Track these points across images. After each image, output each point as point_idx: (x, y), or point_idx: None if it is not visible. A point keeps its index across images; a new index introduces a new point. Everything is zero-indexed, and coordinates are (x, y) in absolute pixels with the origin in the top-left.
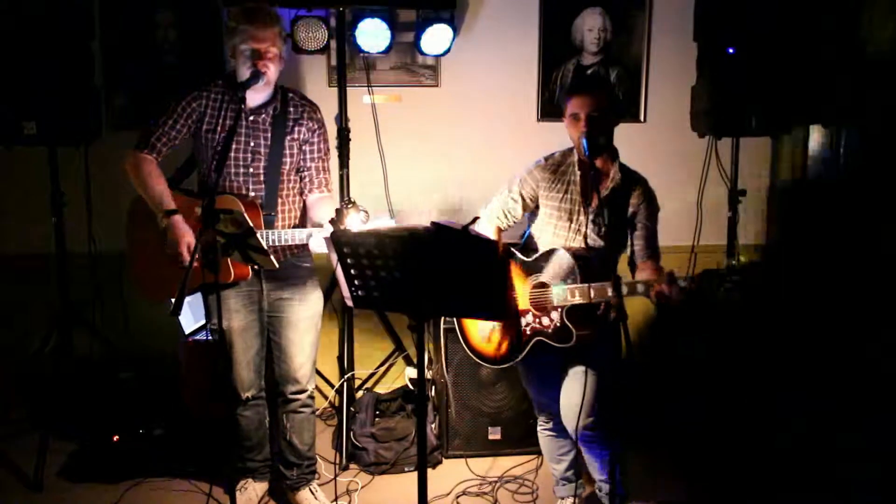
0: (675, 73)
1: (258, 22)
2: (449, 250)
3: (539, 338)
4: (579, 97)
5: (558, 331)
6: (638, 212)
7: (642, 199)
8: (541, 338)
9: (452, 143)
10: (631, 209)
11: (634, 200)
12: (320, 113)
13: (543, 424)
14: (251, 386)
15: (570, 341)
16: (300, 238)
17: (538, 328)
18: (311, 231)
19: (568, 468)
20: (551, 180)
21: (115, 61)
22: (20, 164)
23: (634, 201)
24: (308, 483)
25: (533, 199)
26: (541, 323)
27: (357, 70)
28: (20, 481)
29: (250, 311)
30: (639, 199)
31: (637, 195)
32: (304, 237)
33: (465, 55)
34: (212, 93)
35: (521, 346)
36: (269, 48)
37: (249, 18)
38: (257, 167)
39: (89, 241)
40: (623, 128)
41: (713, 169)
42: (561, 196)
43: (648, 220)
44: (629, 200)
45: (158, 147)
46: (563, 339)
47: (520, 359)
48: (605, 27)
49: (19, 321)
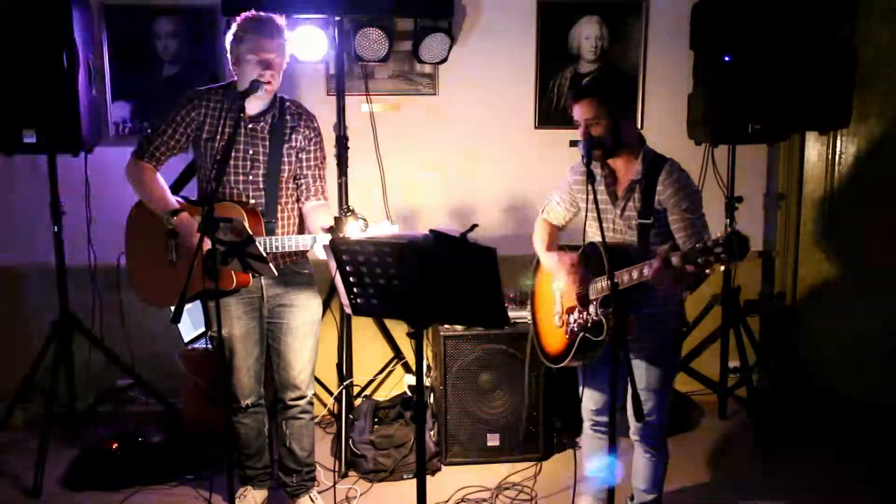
0: (672, 81)
1: (267, 33)
2: (447, 258)
3: (583, 334)
4: (576, 104)
5: (595, 324)
6: (663, 200)
7: (666, 186)
8: (584, 334)
9: (450, 150)
10: (657, 196)
11: (659, 188)
12: (317, 122)
13: (586, 422)
14: (251, 393)
15: (602, 333)
16: (304, 244)
17: (582, 323)
18: (316, 237)
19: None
20: (581, 182)
21: (116, 71)
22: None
23: (659, 188)
24: (308, 490)
25: (571, 202)
26: (583, 318)
27: (355, 78)
28: (19, 489)
29: (251, 317)
30: (663, 185)
31: (661, 182)
32: (309, 243)
33: (463, 64)
34: (211, 101)
35: (570, 345)
36: (275, 59)
37: (259, 29)
38: (256, 175)
39: (89, 249)
40: None
41: (710, 176)
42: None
43: (680, 204)
44: (655, 189)
45: (157, 156)
46: (597, 332)
47: (571, 356)
48: (601, 35)
49: (19, 329)
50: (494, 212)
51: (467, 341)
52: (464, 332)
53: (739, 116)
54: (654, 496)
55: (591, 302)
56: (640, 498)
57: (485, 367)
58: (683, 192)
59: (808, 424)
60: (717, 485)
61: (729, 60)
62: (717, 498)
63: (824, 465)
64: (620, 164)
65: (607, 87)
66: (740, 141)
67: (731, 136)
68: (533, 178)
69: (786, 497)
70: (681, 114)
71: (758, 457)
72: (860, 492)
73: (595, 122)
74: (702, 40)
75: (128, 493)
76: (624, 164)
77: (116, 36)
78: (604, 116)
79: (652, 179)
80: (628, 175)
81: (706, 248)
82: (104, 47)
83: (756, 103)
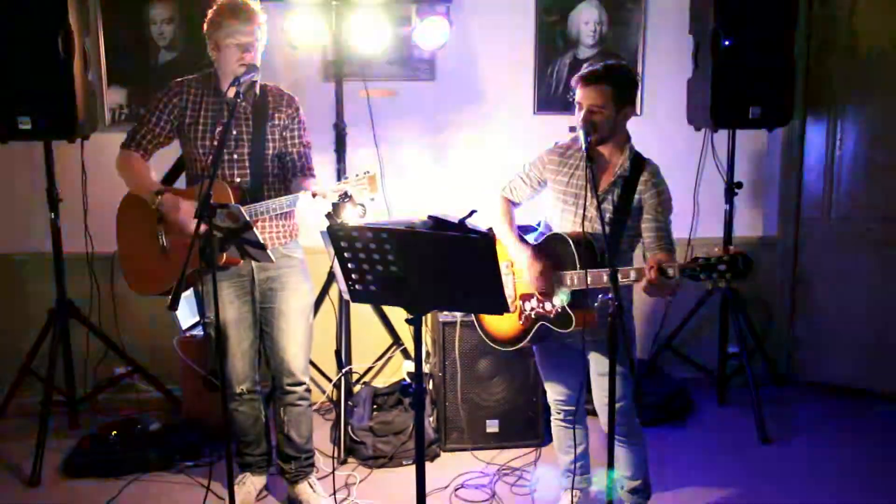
0: (672, 66)
1: (244, 18)
2: (446, 243)
3: (542, 322)
4: (583, 88)
5: (560, 316)
6: (644, 199)
7: (648, 186)
8: (544, 322)
9: (448, 136)
10: (637, 195)
11: (641, 187)
12: (297, 102)
13: (555, 415)
14: (246, 378)
15: (570, 327)
16: (287, 205)
17: (542, 312)
18: (298, 196)
19: (574, 461)
20: (558, 163)
21: (112, 57)
22: (16, 160)
23: (641, 188)
24: (307, 476)
25: (539, 180)
26: (544, 308)
27: (353, 64)
28: (18, 477)
29: (244, 301)
30: (645, 185)
31: (643, 181)
32: (292, 201)
33: (461, 49)
34: (192, 88)
35: (526, 330)
36: (254, 42)
37: (235, 14)
38: (241, 153)
39: (85, 236)
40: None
41: (709, 161)
42: (566, 181)
43: (656, 209)
44: (636, 188)
45: (144, 144)
46: (564, 324)
47: (526, 342)
48: (601, 20)
49: (16, 317)
50: (493, 197)
51: (466, 328)
52: (462, 318)
53: (739, 101)
54: (640, 481)
55: (556, 294)
56: (629, 485)
57: (483, 353)
58: (663, 197)
59: (807, 412)
60: (715, 471)
61: (729, 45)
62: (716, 484)
63: (821, 452)
64: (607, 153)
65: (619, 75)
66: (740, 126)
67: (730, 121)
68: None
69: (785, 485)
70: (680, 99)
71: (756, 443)
72: (855, 481)
73: (599, 109)
74: (701, 25)
75: (127, 480)
76: (610, 154)
77: (112, 21)
78: (609, 105)
79: (634, 176)
80: (613, 167)
81: (709, 265)
82: (100, 33)
83: (756, 88)
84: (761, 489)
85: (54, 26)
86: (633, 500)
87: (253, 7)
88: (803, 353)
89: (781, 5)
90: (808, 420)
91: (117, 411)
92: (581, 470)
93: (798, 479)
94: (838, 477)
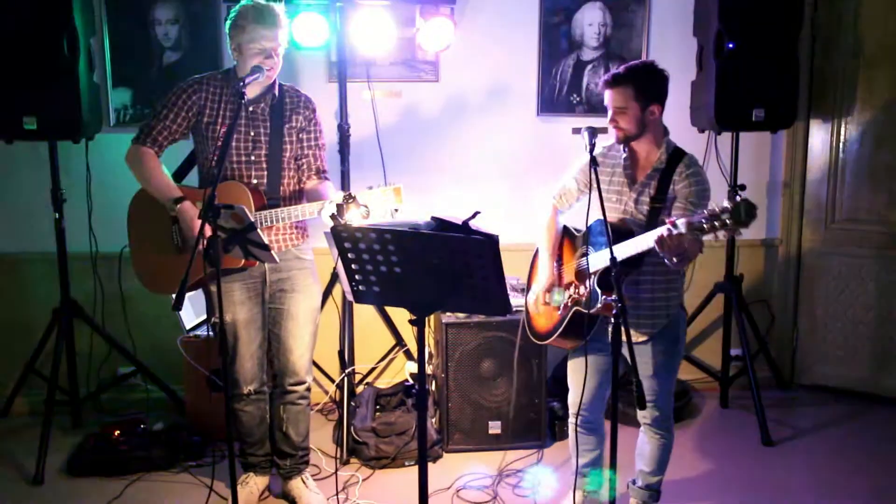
0: (675, 68)
1: (267, 22)
2: (449, 244)
3: (577, 308)
4: (607, 91)
5: (589, 297)
6: (678, 189)
7: (682, 177)
8: (578, 308)
9: (452, 138)
10: (673, 185)
11: (676, 178)
12: (314, 104)
13: (572, 418)
14: (254, 379)
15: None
16: (311, 212)
17: (577, 298)
18: (324, 203)
19: (586, 465)
20: (601, 163)
21: (117, 57)
22: (20, 160)
23: (675, 178)
24: (300, 472)
25: (585, 182)
26: (579, 292)
27: (357, 65)
28: (22, 476)
29: (255, 303)
30: (679, 176)
31: (678, 172)
32: (316, 209)
33: (465, 51)
34: (211, 86)
35: (562, 319)
36: (276, 47)
37: (258, 19)
38: (259, 155)
39: (90, 235)
40: None
41: (713, 164)
42: (609, 179)
43: (687, 197)
44: (671, 179)
45: (160, 140)
46: (592, 304)
47: (561, 330)
48: (605, 22)
49: (20, 317)
50: (496, 199)
51: (469, 329)
52: (465, 319)
53: (743, 103)
54: (659, 478)
55: (589, 276)
56: (646, 480)
57: (486, 354)
58: (695, 187)
59: (810, 415)
60: (718, 474)
61: (732, 47)
62: (719, 487)
63: (824, 455)
64: (643, 148)
65: (639, 74)
66: (744, 128)
67: (734, 124)
68: (535, 165)
69: (788, 488)
70: (684, 101)
71: (759, 446)
72: (859, 484)
73: (622, 112)
74: (705, 27)
75: (130, 479)
76: (646, 150)
77: (117, 22)
78: (632, 104)
79: (671, 168)
80: (650, 161)
81: (713, 214)
82: (104, 33)
83: (759, 90)
84: (764, 492)
85: (59, 27)
86: (644, 496)
87: (278, 12)
88: (806, 355)
89: (785, 7)
90: (810, 423)
91: (121, 411)
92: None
93: (801, 482)
94: (841, 480)
